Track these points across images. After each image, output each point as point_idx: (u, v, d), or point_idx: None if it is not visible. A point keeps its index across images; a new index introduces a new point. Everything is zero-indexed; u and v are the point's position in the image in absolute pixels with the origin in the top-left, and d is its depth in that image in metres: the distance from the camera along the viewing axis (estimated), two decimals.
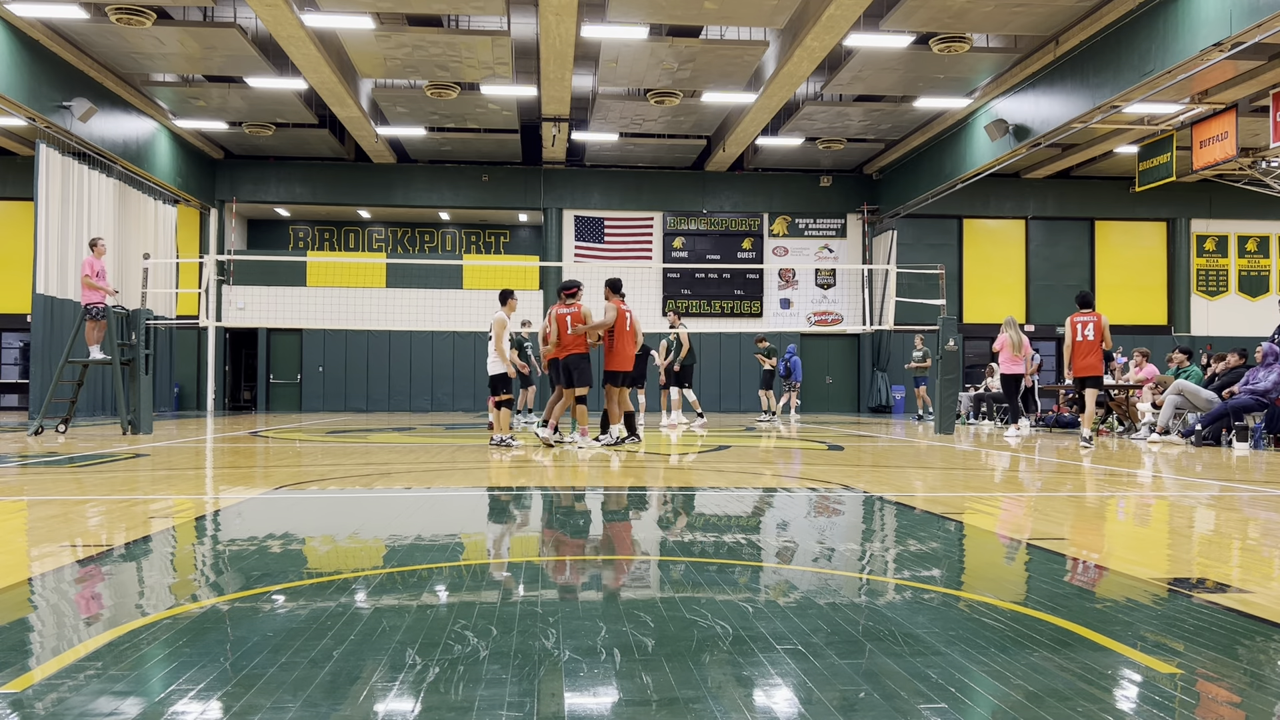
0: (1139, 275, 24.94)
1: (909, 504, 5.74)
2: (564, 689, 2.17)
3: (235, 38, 15.55)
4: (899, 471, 7.97)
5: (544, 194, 23.89)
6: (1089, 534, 4.65)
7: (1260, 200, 22.77)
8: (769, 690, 2.18)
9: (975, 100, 18.66)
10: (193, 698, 2.09)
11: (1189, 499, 6.20)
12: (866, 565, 3.82)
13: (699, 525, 4.90)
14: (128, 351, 12.54)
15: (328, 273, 23.04)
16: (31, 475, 7.22)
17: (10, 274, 21.40)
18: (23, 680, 2.21)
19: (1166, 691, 2.21)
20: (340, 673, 2.27)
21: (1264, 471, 8.18)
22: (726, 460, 9.10)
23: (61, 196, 16.82)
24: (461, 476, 7.27)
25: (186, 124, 20.49)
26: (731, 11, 14.58)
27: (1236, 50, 12.28)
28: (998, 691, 2.18)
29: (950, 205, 23.15)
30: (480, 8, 14.52)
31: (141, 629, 2.68)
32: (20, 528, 4.62)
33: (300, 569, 3.68)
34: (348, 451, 9.92)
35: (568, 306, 10.83)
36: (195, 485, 6.65)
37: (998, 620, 2.83)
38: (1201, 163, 16.88)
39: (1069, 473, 7.94)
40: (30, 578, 3.46)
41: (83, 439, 11.53)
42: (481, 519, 5.33)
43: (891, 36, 15.36)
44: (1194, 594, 3.24)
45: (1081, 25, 15.16)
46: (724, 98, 18.68)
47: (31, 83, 15.45)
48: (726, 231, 24.29)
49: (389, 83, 18.67)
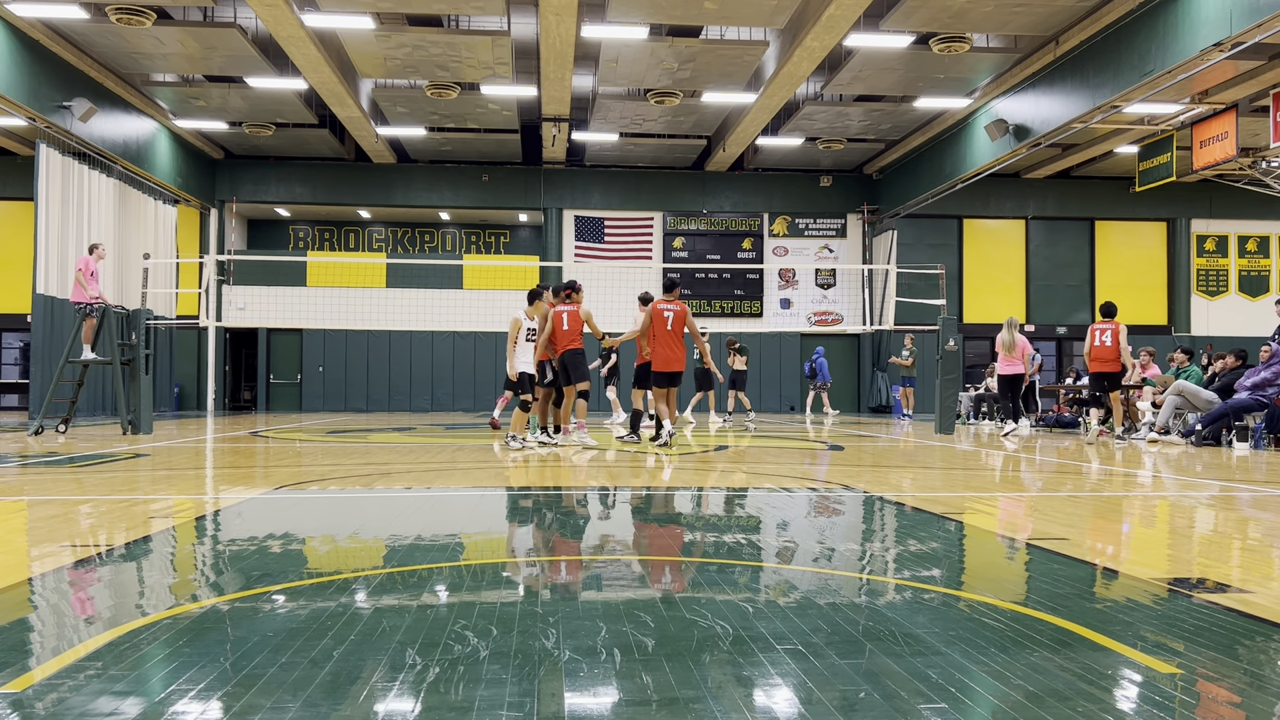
0: (1139, 275, 24.94)
1: (909, 504, 5.74)
2: (564, 689, 2.17)
3: (235, 38, 15.55)
4: (899, 471, 7.97)
5: (544, 194, 23.89)
6: (1089, 534, 4.65)
7: (1260, 200, 22.77)
8: (769, 690, 2.18)
9: (975, 100, 18.66)
10: (193, 698, 2.09)
11: (1189, 499, 6.20)
12: (866, 565, 3.82)
13: (699, 525, 4.90)
14: (128, 351, 12.53)
15: (328, 273, 23.04)
16: (31, 475, 7.22)
17: (10, 274, 21.40)
18: (23, 680, 2.21)
19: (1166, 691, 2.21)
20: (340, 673, 2.27)
21: (1264, 471, 8.18)
22: (726, 460, 9.10)
23: (61, 196, 16.82)
24: (461, 476, 7.27)
25: (186, 124, 20.49)
26: (731, 11, 14.58)
27: (1236, 50, 12.28)
28: (998, 691, 2.17)
29: (950, 205, 23.15)
30: (480, 8, 14.52)
31: (141, 629, 2.68)
32: (20, 528, 4.62)
33: (300, 569, 3.68)
34: (348, 451, 9.92)
35: (566, 304, 10.83)
36: (195, 485, 6.65)
37: (998, 620, 2.83)
38: (1201, 163, 16.88)
39: (1069, 473, 7.94)
40: (30, 578, 3.46)
41: (83, 439, 11.53)
42: (481, 519, 5.32)
43: (891, 36, 15.36)
44: (1194, 594, 3.24)
45: (1081, 25, 15.16)
46: (724, 98, 18.68)
47: (31, 83, 15.45)
48: (726, 231, 24.29)
49: (389, 83, 18.67)
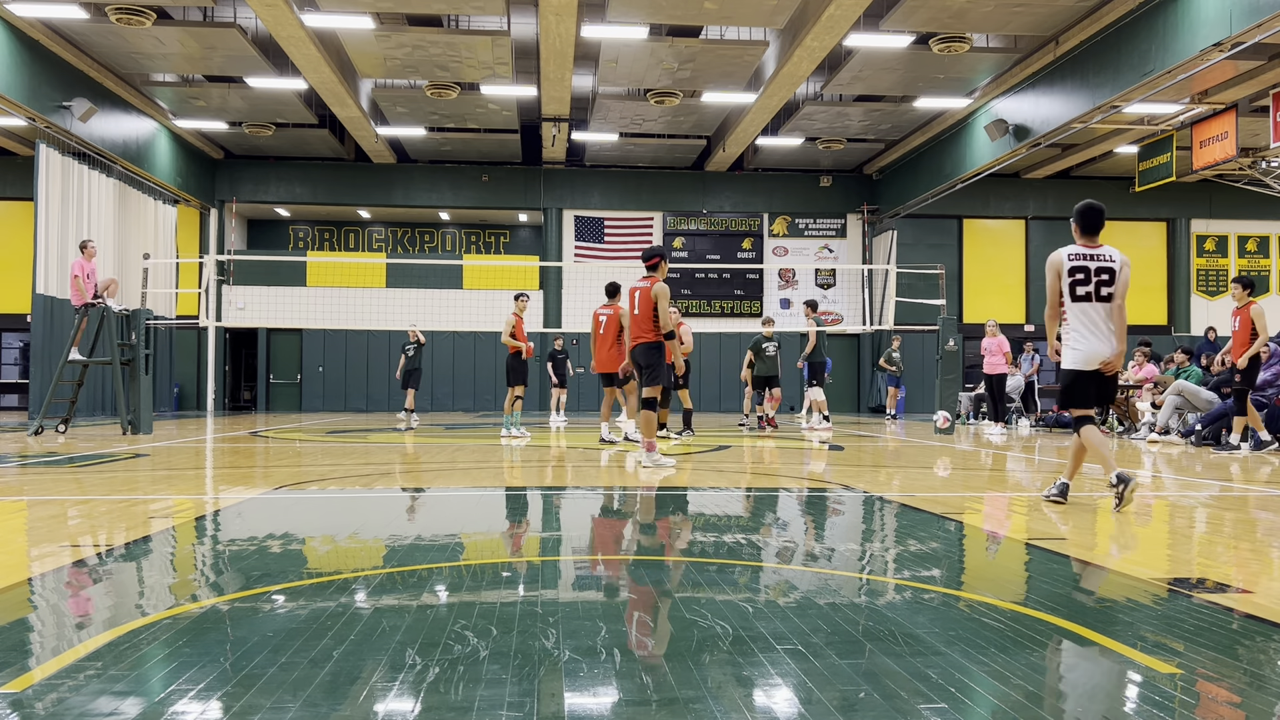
0: (1139, 275, 24.88)
1: (909, 504, 5.74)
2: (564, 689, 2.17)
3: (235, 38, 15.55)
4: (899, 471, 7.97)
5: (544, 194, 23.89)
6: (1089, 534, 4.65)
7: (1260, 200, 22.77)
8: (769, 690, 2.18)
9: (975, 100, 18.66)
10: (193, 698, 2.09)
11: (1189, 499, 6.20)
12: (866, 565, 3.82)
13: (699, 525, 4.90)
14: (128, 351, 12.53)
15: (328, 273, 23.04)
16: (31, 475, 7.21)
17: (10, 274, 21.40)
18: (23, 680, 2.21)
19: (1166, 691, 2.21)
20: (340, 673, 2.27)
21: (1264, 472, 8.18)
22: (726, 460, 9.10)
23: (61, 196, 16.82)
24: (461, 476, 7.27)
25: (186, 124, 20.49)
26: (731, 11, 14.58)
27: (1236, 50, 12.28)
28: (998, 691, 2.17)
29: (950, 205, 23.15)
30: (480, 8, 14.52)
31: (141, 629, 2.68)
32: (20, 528, 4.62)
33: (300, 569, 3.68)
34: (347, 451, 9.92)
35: (645, 281, 8.40)
36: (195, 485, 6.65)
37: (998, 620, 2.83)
38: (1201, 163, 16.89)
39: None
40: (30, 578, 3.46)
41: (83, 439, 11.53)
42: (481, 519, 5.32)
43: (891, 36, 15.36)
44: (1194, 594, 3.24)
45: (1081, 25, 15.16)
46: (724, 98, 18.68)
47: (31, 83, 15.45)
48: (726, 231, 24.29)
49: (389, 83, 18.67)
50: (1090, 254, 5.46)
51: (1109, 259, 5.47)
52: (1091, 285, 5.45)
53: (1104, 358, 5.44)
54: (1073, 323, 5.52)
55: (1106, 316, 5.46)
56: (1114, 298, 5.44)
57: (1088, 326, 5.48)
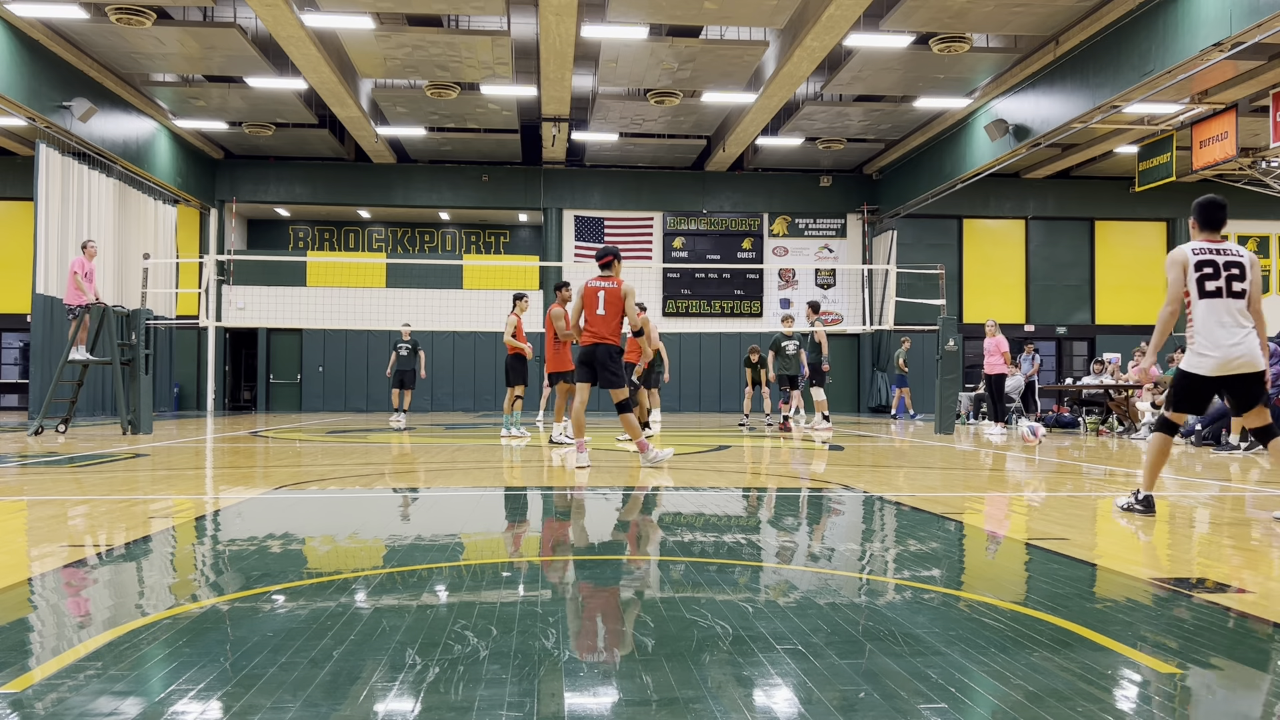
0: (1139, 275, 24.94)
1: (909, 504, 5.74)
2: (564, 689, 2.17)
3: (235, 38, 15.55)
4: (899, 471, 7.97)
5: (544, 194, 23.89)
6: (1089, 534, 4.65)
7: (1260, 200, 22.75)
8: (769, 690, 2.18)
9: (975, 100, 18.66)
10: (193, 698, 2.09)
11: (1189, 499, 6.20)
12: (866, 565, 3.82)
13: (699, 525, 4.90)
14: (127, 351, 12.53)
15: (328, 273, 23.05)
16: (31, 475, 7.21)
17: (10, 274, 21.40)
18: (23, 680, 2.21)
19: (1166, 691, 2.21)
20: (340, 673, 2.27)
21: (1264, 472, 8.18)
22: (726, 460, 9.10)
23: (61, 196, 16.82)
24: (461, 476, 7.27)
25: (186, 124, 20.49)
26: (731, 11, 14.58)
27: (1236, 50, 12.28)
28: (998, 691, 2.17)
29: (950, 205, 23.15)
30: (480, 8, 14.52)
31: (141, 629, 2.68)
32: (20, 528, 4.62)
33: (300, 569, 3.68)
34: (347, 451, 9.92)
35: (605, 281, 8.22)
36: (195, 485, 6.65)
37: (998, 620, 2.83)
38: (1201, 163, 16.88)
39: (1069, 473, 7.94)
40: (30, 578, 3.46)
41: (83, 439, 11.53)
42: (481, 519, 5.32)
43: (891, 36, 15.36)
44: (1194, 594, 3.24)
45: (1081, 25, 15.16)
46: (724, 98, 18.68)
47: (31, 83, 15.45)
48: (726, 231, 24.29)
49: (389, 83, 18.67)
50: (1216, 248, 5.07)
51: (1237, 254, 5.07)
52: (1221, 280, 5.00)
53: (1240, 359, 4.95)
54: (1200, 323, 5.04)
55: (1241, 314, 5.00)
56: (1248, 295, 5.01)
57: (1220, 324, 4.99)
